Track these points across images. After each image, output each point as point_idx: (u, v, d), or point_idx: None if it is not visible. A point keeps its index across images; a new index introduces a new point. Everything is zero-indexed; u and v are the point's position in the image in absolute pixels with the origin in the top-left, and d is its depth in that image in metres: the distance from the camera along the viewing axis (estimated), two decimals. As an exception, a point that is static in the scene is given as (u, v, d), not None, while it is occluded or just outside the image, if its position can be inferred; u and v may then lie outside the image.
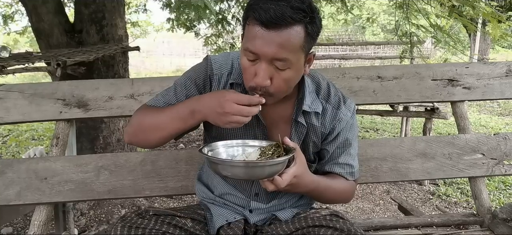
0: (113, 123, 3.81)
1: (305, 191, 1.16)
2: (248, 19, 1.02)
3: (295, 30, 0.98)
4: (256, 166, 1.01)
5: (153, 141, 1.16)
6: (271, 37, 0.98)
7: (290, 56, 1.00)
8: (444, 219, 1.70)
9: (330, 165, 1.25)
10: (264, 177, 1.01)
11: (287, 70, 1.03)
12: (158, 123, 1.12)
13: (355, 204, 3.85)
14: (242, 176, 1.04)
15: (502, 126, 7.08)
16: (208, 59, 1.21)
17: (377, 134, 6.60)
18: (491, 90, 1.83)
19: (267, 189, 1.03)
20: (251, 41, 1.00)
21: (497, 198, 3.90)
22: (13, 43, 11.18)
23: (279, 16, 0.95)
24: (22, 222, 3.30)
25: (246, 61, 1.04)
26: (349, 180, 1.26)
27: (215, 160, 1.03)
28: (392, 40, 10.70)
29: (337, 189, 1.24)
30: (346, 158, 1.25)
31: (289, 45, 0.99)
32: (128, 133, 1.18)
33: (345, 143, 1.23)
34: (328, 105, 1.22)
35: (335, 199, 1.29)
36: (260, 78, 1.02)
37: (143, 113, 1.17)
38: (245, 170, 1.00)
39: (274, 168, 1.01)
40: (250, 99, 1.01)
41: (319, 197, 1.25)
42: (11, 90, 1.66)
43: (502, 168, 1.76)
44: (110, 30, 3.71)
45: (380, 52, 12.22)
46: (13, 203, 1.58)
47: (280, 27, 0.97)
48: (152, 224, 1.10)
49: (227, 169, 1.01)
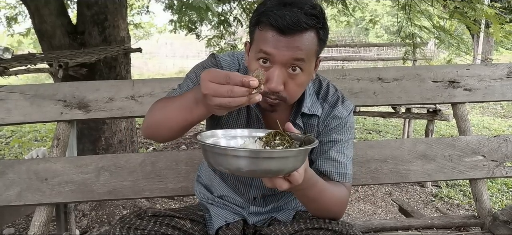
0: (115, 124, 3.82)
1: (305, 187, 1.01)
2: (260, 25, 1.00)
3: (309, 36, 0.99)
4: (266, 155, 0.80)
5: (164, 133, 1.09)
6: (287, 43, 0.97)
7: (304, 61, 1.01)
8: (444, 221, 1.69)
9: (321, 160, 1.18)
10: (273, 171, 0.81)
11: (301, 75, 1.03)
12: (167, 114, 1.07)
13: (357, 206, 3.84)
14: (246, 168, 0.79)
15: (505, 128, 7.05)
16: (216, 57, 1.21)
17: (380, 136, 6.59)
18: (492, 92, 1.82)
19: (280, 188, 0.87)
20: (266, 45, 0.99)
21: (499, 200, 3.88)
22: (16, 45, 11.24)
23: (295, 22, 0.96)
24: (24, 223, 3.31)
25: (258, 65, 1.02)
26: (343, 184, 1.18)
27: (218, 149, 0.82)
28: (394, 42, 10.69)
29: (334, 193, 1.14)
30: (338, 155, 1.18)
31: (304, 50, 0.99)
32: (143, 128, 1.15)
33: (336, 137, 1.19)
34: (325, 104, 1.22)
35: (330, 204, 1.13)
36: (274, 83, 1.01)
37: (155, 107, 1.14)
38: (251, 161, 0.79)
39: (288, 162, 0.81)
40: (228, 76, 0.80)
41: (316, 197, 1.09)
42: (12, 91, 1.67)
43: (503, 170, 1.75)
44: (112, 32, 3.72)
45: (382, 54, 12.21)
46: (14, 203, 1.59)
47: (295, 33, 0.97)
48: (150, 225, 1.10)
49: (227, 161, 0.80)
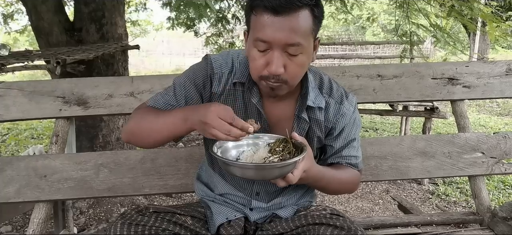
0: (112, 121, 3.80)
1: (311, 182, 1.17)
2: (254, 10, 1.01)
3: (303, 14, 0.99)
4: (268, 167, 1.00)
5: (149, 142, 1.16)
6: (282, 23, 0.98)
7: (302, 40, 1.01)
8: (444, 217, 1.70)
9: (334, 158, 1.26)
10: (275, 176, 1.01)
11: (300, 55, 1.04)
12: (154, 126, 1.12)
13: (355, 203, 3.85)
14: (254, 177, 1.06)
15: (501, 126, 7.08)
16: (208, 59, 1.20)
17: (377, 134, 6.60)
18: (491, 89, 1.83)
19: (278, 185, 1.04)
20: (262, 31, 1.00)
21: (496, 197, 3.91)
22: (13, 42, 11.16)
23: (288, 1, 0.96)
24: (21, 221, 3.29)
25: (256, 52, 1.04)
26: (353, 169, 1.27)
27: (228, 162, 1.01)
28: (391, 40, 10.71)
29: (342, 179, 1.24)
30: (350, 151, 1.26)
31: (300, 29, 1.00)
32: (126, 131, 1.18)
33: (348, 138, 1.25)
34: (331, 99, 1.22)
35: (340, 189, 1.29)
36: (274, 66, 1.01)
37: (142, 114, 1.16)
38: (257, 171, 1.00)
39: (286, 169, 1.00)
40: (235, 120, 0.96)
41: (325, 188, 1.25)
42: (10, 88, 1.66)
43: (502, 167, 1.76)
44: (110, 29, 3.70)
45: (379, 52, 12.22)
46: (12, 200, 1.58)
47: (289, 11, 0.98)
48: (152, 221, 1.10)
49: (238, 170, 1.00)
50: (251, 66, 1.08)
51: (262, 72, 1.05)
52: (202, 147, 1.47)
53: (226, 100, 1.19)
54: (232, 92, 1.19)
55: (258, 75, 1.07)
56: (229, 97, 1.19)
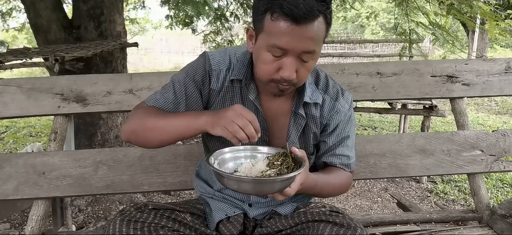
0: (111, 119, 3.80)
1: (306, 192, 1.17)
2: (273, 15, 0.98)
3: (319, 22, 0.99)
4: (266, 182, 0.97)
5: (154, 143, 1.14)
6: (301, 33, 0.97)
7: (317, 48, 1.02)
8: (443, 215, 1.70)
9: (327, 156, 1.26)
10: (274, 191, 0.99)
11: (311, 61, 1.04)
12: (161, 127, 1.09)
13: (353, 201, 3.85)
14: (251, 191, 1.05)
15: (500, 124, 7.11)
16: (205, 56, 1.20)
17: (375, 132, 6.61)
18: (490, 87, 1.83)
19: (276, 198, 1.02)
20: (280, 38, 0.98)
21: (494, 195, 3.91)
22: (11, 40, 11.13)
23: (309, 10, 0.95)
24: (19, 218, 3.29)
25: (270, 56, 1.02)
26: (346, 171, 1.27)
27: (225, 174, 0.97)
28: (390, 38, 10.70)
29: (335, 183, 1.25)
30: (343, 149, 1.26)
31: (317, 37, 1.00)
32: (126, 131, 1.14)
33: (342, 135, 1.25)
34: (326, 96, 1.23)
35: (333, 193, 1.30)
36: (288, 72, 1.01)
37: (144, 114, 1.14)
38: (255, 186, 0.97)
39: (285, 183, 0.98)
40: (253, 119, 0.98)
41: (318, 194, 1.27)
42: (9, 84, 1.65)
43: (501, 165, 1.76)
44: (109, 26, 3.70)
45: (378, 51, 12.22)
46: (11, 197, 1.58)
47: (309, 21, 0.96)
48: (151, 218, 1.09)
49: (235, 184, 0.97)
50: (262, 68, 1.06)
51: (273, 76, 1.04)
52: (200, 144, 1.47)
53: (224, 97, 1.19)
54: (230, 89, 1.18)
55: (268, 78, 1.06)
56: (227, 94, 1.19)
